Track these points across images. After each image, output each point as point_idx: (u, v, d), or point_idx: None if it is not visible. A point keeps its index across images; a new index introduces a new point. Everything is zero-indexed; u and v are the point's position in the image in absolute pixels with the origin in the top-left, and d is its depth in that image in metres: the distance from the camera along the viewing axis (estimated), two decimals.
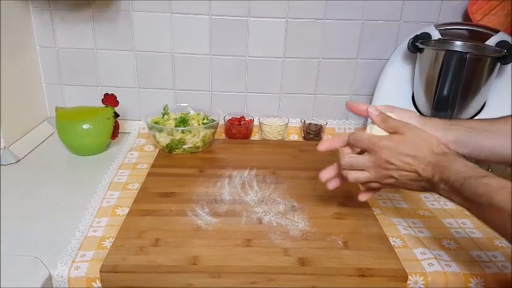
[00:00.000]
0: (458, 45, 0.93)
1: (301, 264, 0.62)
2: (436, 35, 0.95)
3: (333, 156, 1.00)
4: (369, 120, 0.67)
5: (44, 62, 1.08)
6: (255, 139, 1.11)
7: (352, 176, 0.65)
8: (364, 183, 0.66)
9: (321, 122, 1.10)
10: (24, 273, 0.61)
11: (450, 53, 0.83)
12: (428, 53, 0.90)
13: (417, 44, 0.91)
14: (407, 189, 0.63)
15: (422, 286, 0.63)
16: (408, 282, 0.63)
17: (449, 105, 0.84)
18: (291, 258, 0.63)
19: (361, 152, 0.66)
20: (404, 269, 0.63)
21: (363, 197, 0.70)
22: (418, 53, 0.92)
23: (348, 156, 0.66)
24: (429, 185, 0.59)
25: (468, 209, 0.55)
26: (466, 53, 0.83)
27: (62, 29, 1.05)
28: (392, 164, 0.60)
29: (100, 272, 0.60)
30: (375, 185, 0.65)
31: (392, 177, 0.62)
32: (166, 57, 1.08)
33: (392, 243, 0.69)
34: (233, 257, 0.63)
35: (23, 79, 1.02)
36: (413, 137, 0.61)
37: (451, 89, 0.82)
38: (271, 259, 0.63)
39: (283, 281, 0.61)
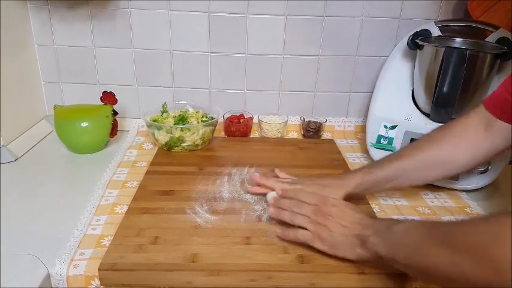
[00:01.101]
0: (458, 42, 0.93)
1: (301, 262, 0.62)
2: (435, 31, 0.94)
3: (332, 153, 1.00)
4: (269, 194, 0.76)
5: (42, 60, 1.08)
6: (254, 137, 1.11)
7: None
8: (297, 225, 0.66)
9: (320, 119, 1.10)
10: (22, 272, 0.61)
11: (450, 50, 0.83)
12: (428, 49, 0.89)
13: (417, 41, 0.90)
14: (334, 250, 0.62)
15: (422, 284, 0.63)
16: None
17: (449, 102, 0.83)
18: (290, 256, 0.63)
19: None
20: None
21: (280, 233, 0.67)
22: (418, 50, 0.92)
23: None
24: (359, 240, 0.60)
25: (397, 258, 0.55)
26: (466, 49, 0.83)
27: (60, 27, 1.04)
28: (333, 215, 0.64)
29: (99, 270, 0.60)
30: (307, 230, 0.64)
31: (327, 227, 0.63)
32: (165, 55, 1.08)
33: None
34: (232, 255, 0.63)
35: (22, 77, 1.02)
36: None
37: (451, 85, 0.82)
38: (271, 257, 0.63)
39: (283, 279, 0.61)
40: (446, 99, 0.83)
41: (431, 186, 0.88)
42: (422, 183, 0.79)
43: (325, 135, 1.12)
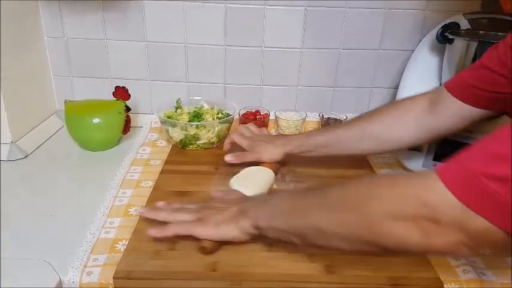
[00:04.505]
0: (489, 35, 0.87)
1: (328, 272, 0.58)
2: (464, 24, 0.89)
3: None
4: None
5: (52, 53, 1.04)
6: (270, 134, 1.06)
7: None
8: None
9: (340, 116, 1.05)
10: (32, 278, 0.57)
11: (484, 44, 0.77)
12: (458, 44, 0.84)
13: (447, 34, 0.85)
14: (218, 230, 0.60)
15: None
16: None
17: None
18: (317, 265, 0.59)
19: None
20: (439, 277, 0.58)
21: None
22: (447, 44, 0.86)
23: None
24: (239, 213, 0.60)
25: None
26: None
27: (70, 19, 1.00)
28: (214, 204, 0.65)
29: (113, 278, 0.57)
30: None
31: (208, 212, 0.62)
32: (179, 48, 1.03)
33: None
34: (254, 263, 0.59)
35: (31, 71, 0.98)
36: None
37: None
38: (296, 266, 0.59)
39: None
40: None
41: None
42: (359, 153, 0.82)
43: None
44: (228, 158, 0.83)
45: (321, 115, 1.06)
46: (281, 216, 0.56)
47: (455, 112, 0.69)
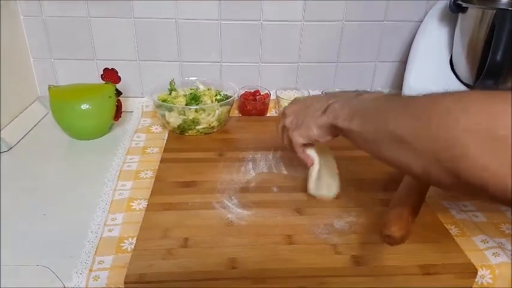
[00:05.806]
0: (503, 3, 0.83)
1: (356, 264, 0.54)
2: None
3: None
4: None
5: (30, 33, 0.95)
6: (272, 115, 1.01)
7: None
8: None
9: None
10: (32, 287, 0.52)
11: (502, 12, 0.73)
12: (472, 12, 0.79)
13: (460, 3, 0.80)
14: (298, 128, 0.59)
15: (490, 281, 0.56)
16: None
17: (501, 72, 0.74)
18: (343, 257, 0.55)
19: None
20: (472, 263, 0.55)
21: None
22: (459, 13, 0.82)
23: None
24: (322, 110, 0.56)
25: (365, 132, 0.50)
26: None
27: None
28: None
29: (125, 283, 0.51)
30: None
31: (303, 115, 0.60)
32: (170, 24, 0.95)
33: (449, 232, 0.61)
34: (276, 258, 0.55)
35: (7, 54, 0.89)
36: None
37: (504, 53, 0.73)
38: (321, 259, 0.55)
39: (337, 284, 0.53)
40: (499, 69, 0.74)
41: None
42: None
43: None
44: None
45: (323, 93, 1.01)
46: (360, 118, 0.51)
47: None
